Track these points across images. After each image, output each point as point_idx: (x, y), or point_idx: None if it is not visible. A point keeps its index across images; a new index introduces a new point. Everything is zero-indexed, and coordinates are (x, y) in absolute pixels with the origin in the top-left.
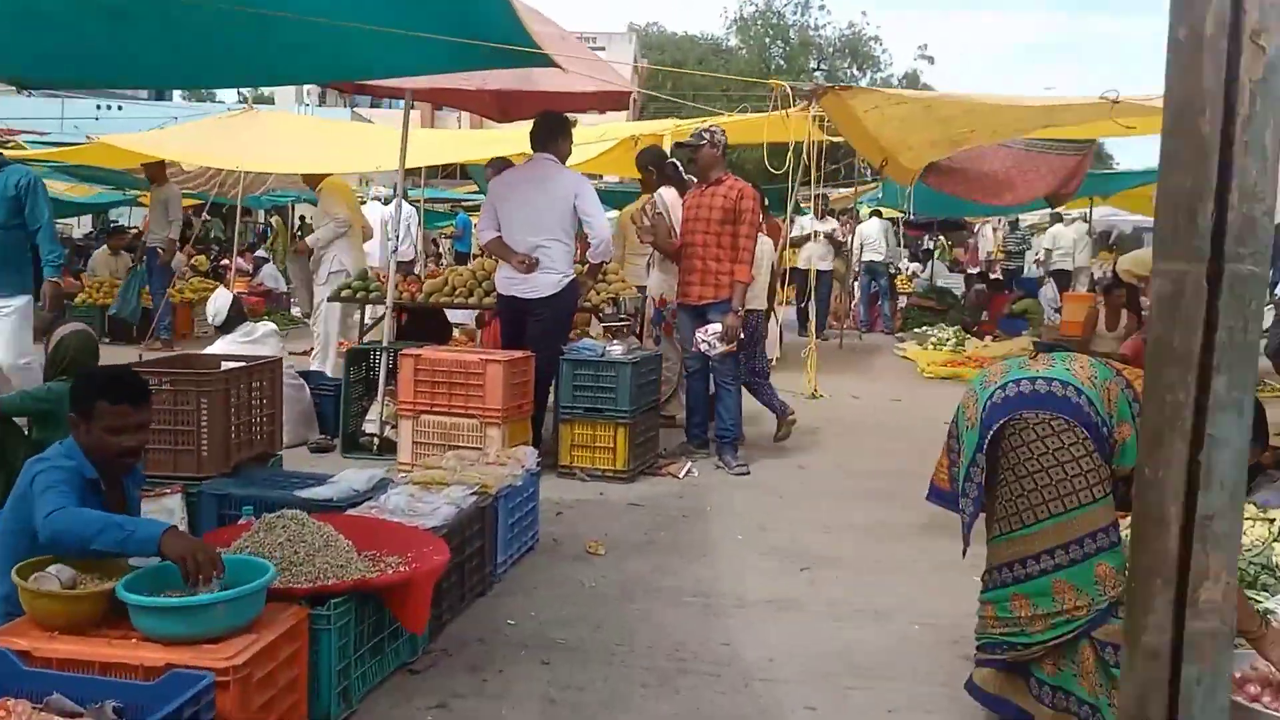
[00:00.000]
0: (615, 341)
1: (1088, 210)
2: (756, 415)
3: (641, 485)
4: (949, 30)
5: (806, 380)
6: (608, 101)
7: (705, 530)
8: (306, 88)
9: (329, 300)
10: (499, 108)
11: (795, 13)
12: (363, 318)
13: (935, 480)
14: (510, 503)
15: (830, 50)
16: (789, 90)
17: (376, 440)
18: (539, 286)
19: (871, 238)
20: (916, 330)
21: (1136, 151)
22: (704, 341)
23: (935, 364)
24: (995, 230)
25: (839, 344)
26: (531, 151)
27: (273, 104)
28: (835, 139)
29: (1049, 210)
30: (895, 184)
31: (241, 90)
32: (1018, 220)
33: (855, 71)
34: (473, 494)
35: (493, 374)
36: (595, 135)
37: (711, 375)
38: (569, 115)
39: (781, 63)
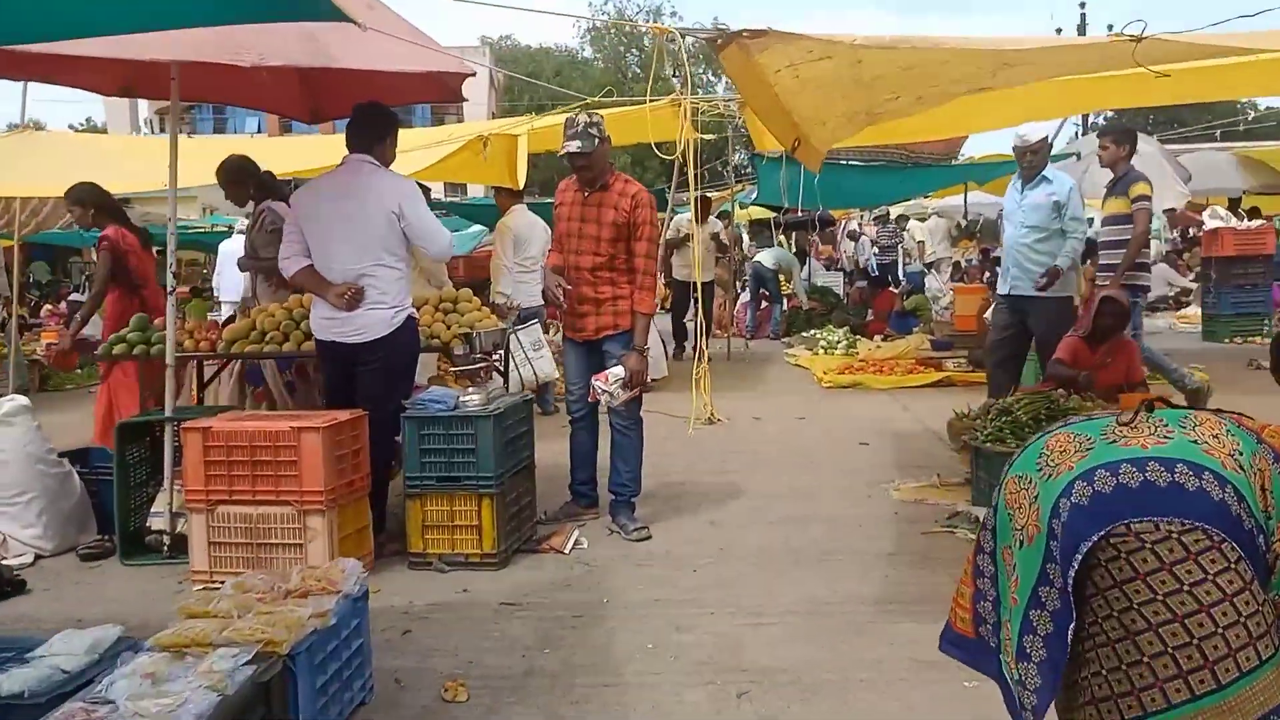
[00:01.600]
0: (472, 389)
1: (962, 198)
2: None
3: (518, 571)
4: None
5: (701, 404)
6: (439, 88)
7: (605, 641)
8: (143, 115)
9: (96, 357)
10: (304, 103)
11: (648, 19)
12: (200, 373)
13: (953, 621)
14: (319, 655)
15: (686, 57)
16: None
17: (166, 539)
18: (367, 327)
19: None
20: (804, 334)
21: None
22: (604, 392)
23: (832, 372)
24: (865, 225)
25: (726, 355)
26: (347, 154)
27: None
28: (708, 136)
29: (924, 197)
30: (774, 181)
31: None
32: (888, 213)
33: (711, 77)
34: (249, 662)
35: (309, 446)
36: (440, 135)
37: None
38: (395, 111)
39: (637, 70)
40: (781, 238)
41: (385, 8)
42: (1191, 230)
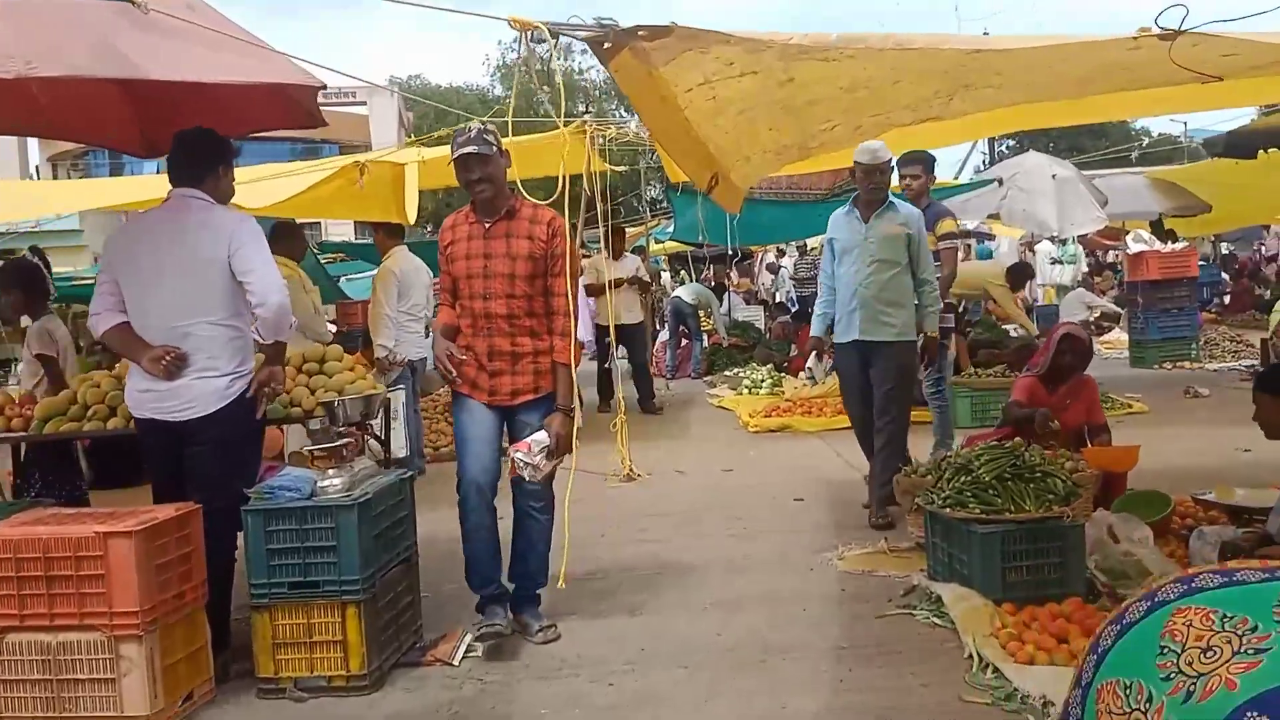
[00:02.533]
0: (333, 472)
1: None
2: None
3: (394, 695)
4: None
5: (619, 458)
6: (289, 110)
7: None
8: (34, 162)
9: None
10: (136, 133)
11: (559, 58)
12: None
13: None
14: None
15: (597, 93)
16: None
17: None
18: (195, 400)
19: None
20: (726, 373)
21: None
22: (526, 465)
23: (758, 414)
24: (783, 257)
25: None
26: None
27: None
28: (619, 168)
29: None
30: (690, 215)
31: None
32: (806, 244)
33: (624, 113)
34: None
35: (119, 555)
36: (312, 165)
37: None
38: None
39: (549, 107)
40: (706, 272)
41: (209, 8)
42: (1105, 254)
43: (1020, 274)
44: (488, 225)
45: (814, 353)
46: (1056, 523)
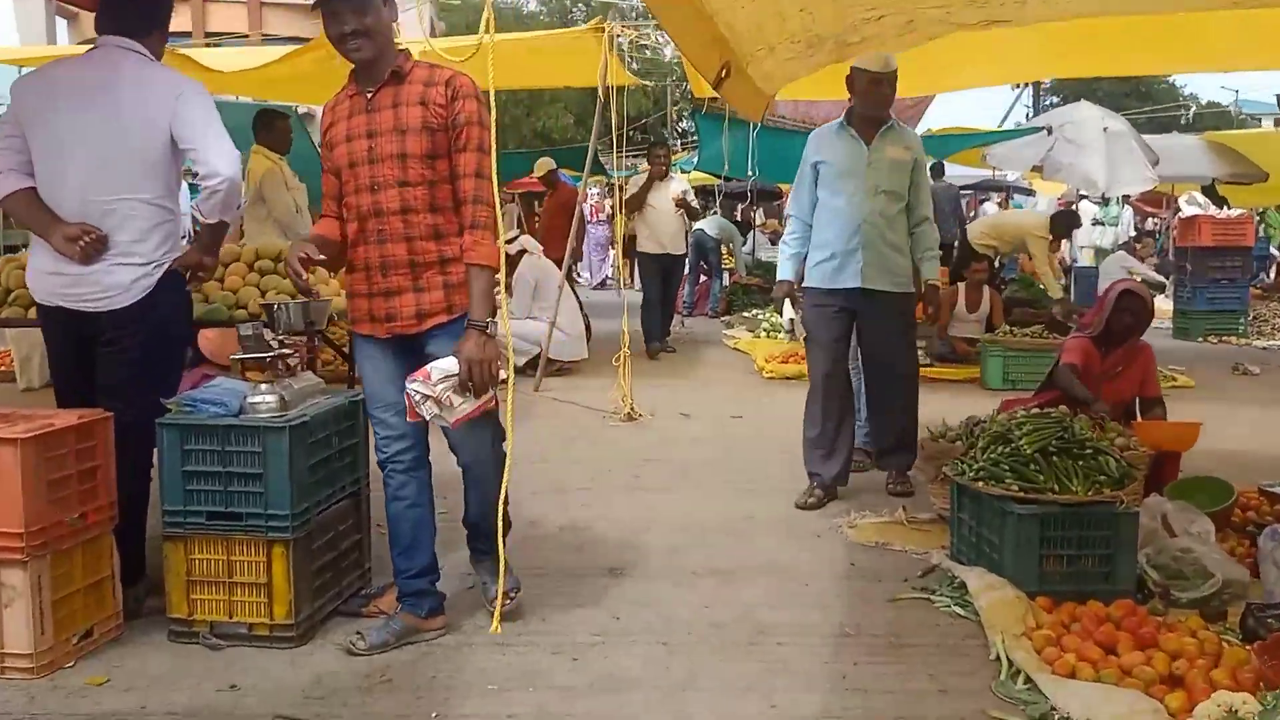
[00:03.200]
0: (267, 387)
1: None
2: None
3: (324, 652)
4: None
5: (620, 396)
6: None
7: None
8: (62, 38)
9: None
10: None
11: None
12: None
13: None
14: None
15: (634, 14)
16: None
17: None
18: (112, 289)
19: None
20: (744, 315)
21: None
22: (426, 398)
23: (775, 360)
24: None
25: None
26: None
27: None
28: (645, 82)
29: None
30: (717, 145)
31: None
32: None
33: (661, 38)
34: None
35: (3, 466)
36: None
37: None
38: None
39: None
40: (741, 207)
41: None
42: (1143, 221)
43: (1067, 223)
44: (370, 95)
45: (787, 300)
46: (1107, 508)
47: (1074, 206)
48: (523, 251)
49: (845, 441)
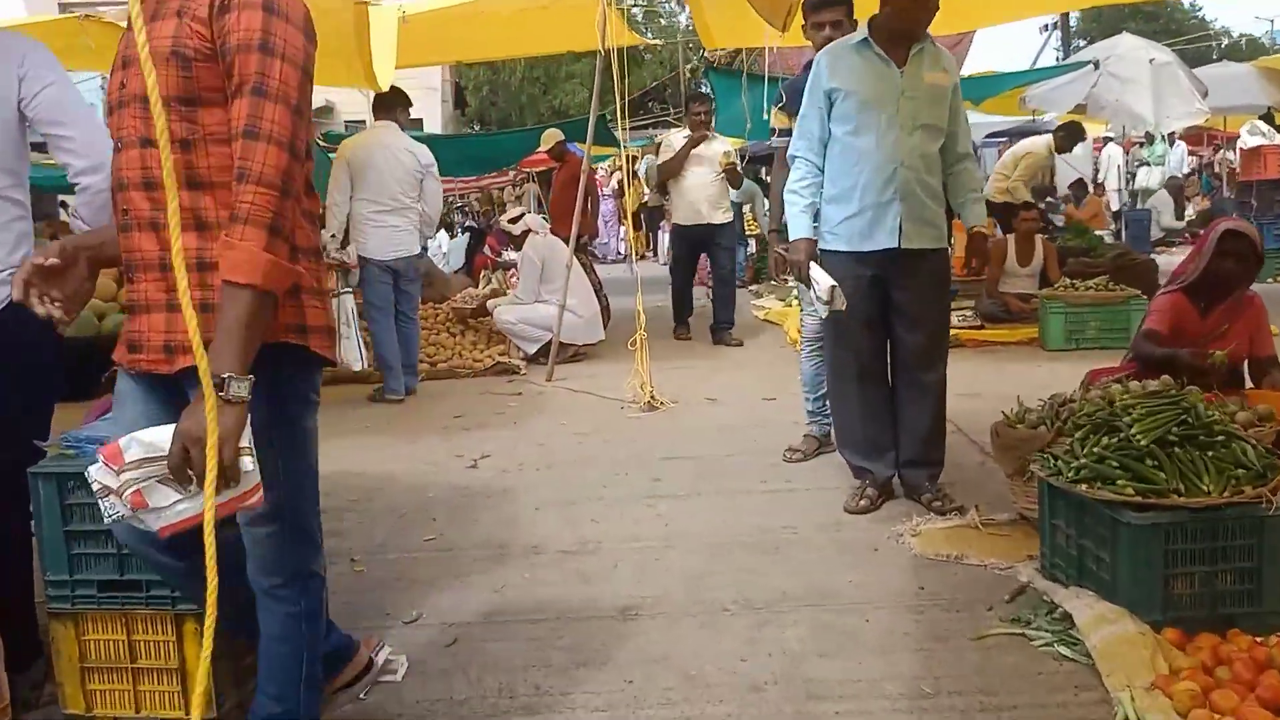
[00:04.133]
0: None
1: None
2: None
3: None
4: None
5: (638, 384)
6: None
7: None
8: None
9: None
10: None
11: None
12: None
13: None
14: None
15: None
16: None
17: None
18: None
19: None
20: (774, 282)
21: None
22: (105, 492)
23: None
24: None
25: None
26: None
27: None
28: (654, 42)
29: None
30: (733, 107)
31: None
32: None
33: (675, 4)
34: None
35: None
36: None
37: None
38: None
39: None
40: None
41: None
42: (1203, 155)
43: (1071, 133)
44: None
45: (810, 264)
46: (1250, 510)
47: (1105, 150)
48: (528, 231)
49: (892, 431)
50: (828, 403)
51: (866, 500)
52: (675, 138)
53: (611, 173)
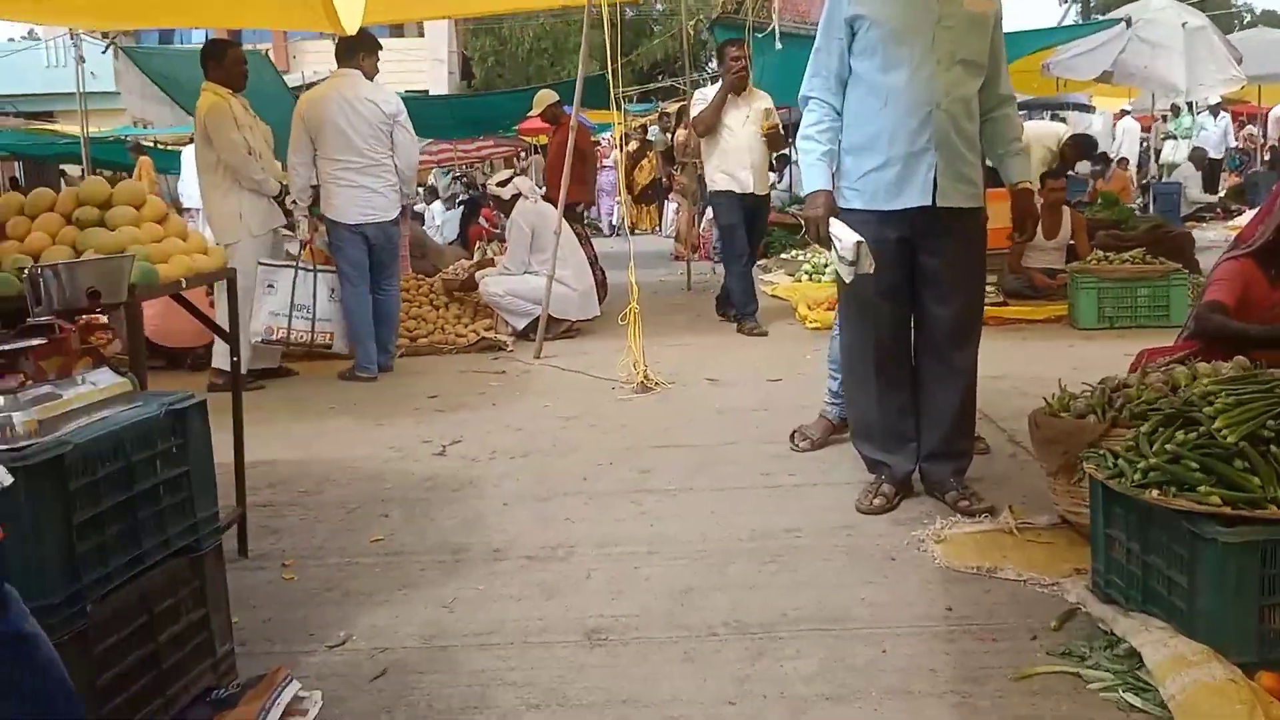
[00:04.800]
0: (3, 400)
1: None
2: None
3: None
4: None
5: (631, 362)
6: None
7: None
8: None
9: None
10: None
11: None
12: None
13: None
14: None
15: None
16: None
17: None
18: None
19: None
20: (784, 256)
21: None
22: None
23: (819, 307)
24: None
25: (686, 285)
26: None
27: None
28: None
29: None
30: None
31: None
32: None
33: None
34: None
35: None
36: None
37: None
38: None
39: None
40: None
41: None
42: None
43: (1082, 146)
44: None
45: (830, 219)
46: None
47: (1121, 123)
48: (517, 195)
49: (914, 420)
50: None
51: (882, 498)
52: (709, 90)
53: (614, 145)
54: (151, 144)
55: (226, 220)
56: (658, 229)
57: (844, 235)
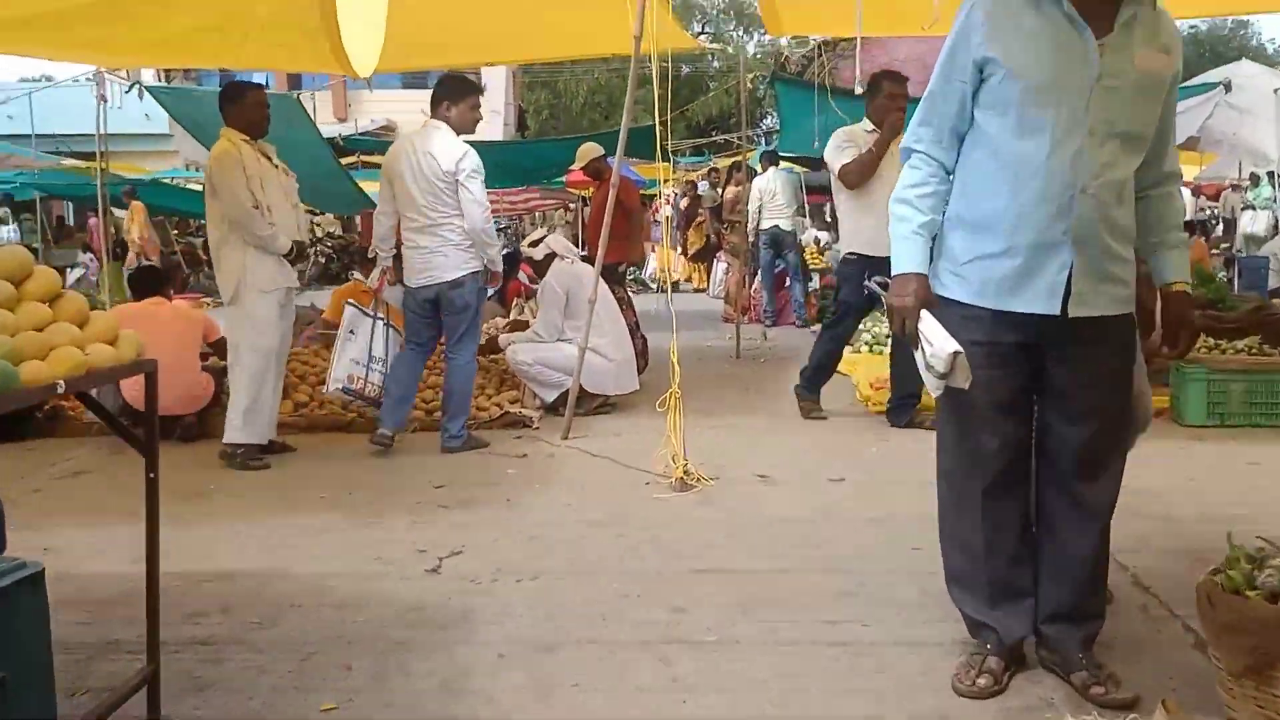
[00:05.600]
0: None
1: None
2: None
3: None
4: None
5: (670, 455)
6: None
7: None
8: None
9: None
10: None
11: None
12: None
13: None
14: None
15: (715, 12)
16: None
17: None
18: None
19: (774, 195)
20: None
21: None
22: None
23: (882, 385)
24: None
25: (735, 352)
26: None
27: None
28: (714, 47)
29: None
30: (804, 126)
31: None
32: None
33: (742, 34)
34: None
35: None
36: None
37: None
38: None
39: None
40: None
41: None
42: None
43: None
44: None
45: (922, 313)
46: None
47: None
48: (551, 255)
49: (1032, 569)
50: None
51: (988, 677)
52: (857, 130)
53: (669, 199)
54: (200, 187)
55: (228, 277)
56: (706, 288)
57: (936, 339)
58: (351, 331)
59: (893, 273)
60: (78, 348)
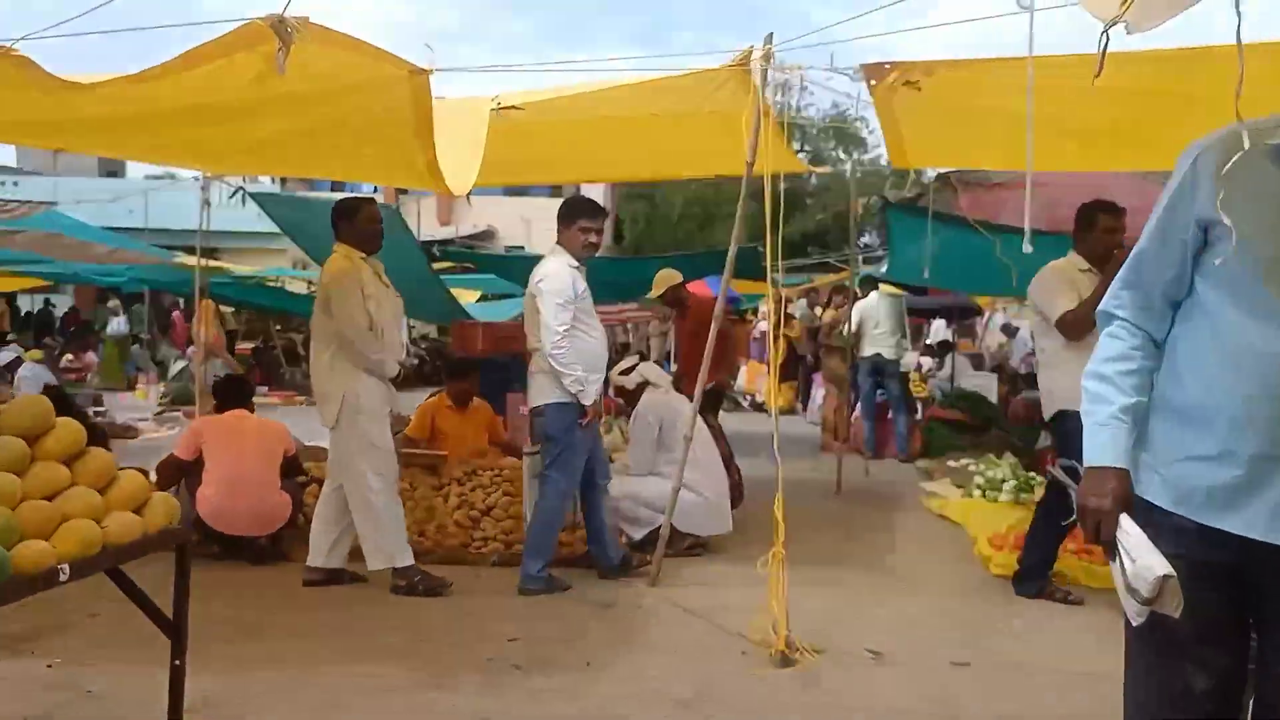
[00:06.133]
0: None
1: None
2: None
3: None
4: None
5: (770, 624)
6: None
7: None
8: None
9: None
10: None
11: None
12: None
13: None
14: None
15: (815, 131)
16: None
17: None
18: None
19: (878, 324)
20: (949, 462)
21: None
22: None
23: (1006, 544)
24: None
25: (835, 486)
26: None
27: None
28: (823, 170)
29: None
30: (914, 249)
31: None
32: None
33: (841, 154)
34: None
35: None
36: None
37: None
38: None
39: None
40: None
41: None
42: None
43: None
44: None
45: (1123, 519)
46: None
47: None
48: (644, 384)
49: None
50: None
51: None
52: (1070, 268)
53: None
54: (306, 286)
55: (332, 399)
56: (796, 408)
57: (1142, 555)
58: None
59: (1085, 463)
60: (94, 519)
